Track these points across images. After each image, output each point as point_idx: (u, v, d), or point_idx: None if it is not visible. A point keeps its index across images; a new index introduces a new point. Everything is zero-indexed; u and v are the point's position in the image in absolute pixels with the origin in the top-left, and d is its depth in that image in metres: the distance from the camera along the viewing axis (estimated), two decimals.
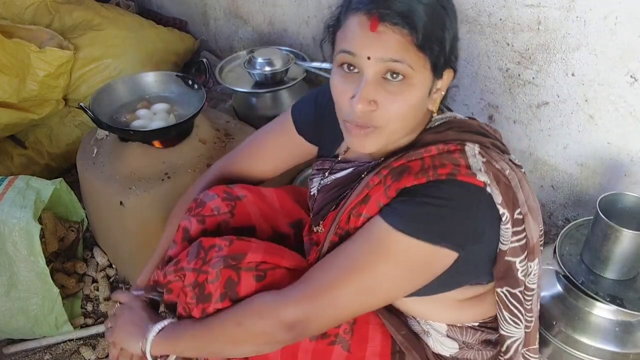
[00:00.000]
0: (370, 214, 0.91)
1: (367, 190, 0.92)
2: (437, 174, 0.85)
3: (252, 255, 0.99)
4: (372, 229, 0.88)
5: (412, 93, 0.84)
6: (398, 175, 0.89)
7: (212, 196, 1.14)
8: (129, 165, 1.60)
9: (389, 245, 0.85)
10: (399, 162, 0.90)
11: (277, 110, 1.86)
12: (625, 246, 1.14)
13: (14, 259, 1.50)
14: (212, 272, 0.97)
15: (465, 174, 0.85)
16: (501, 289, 0.96)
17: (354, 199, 0.94)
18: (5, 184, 1.62)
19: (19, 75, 1.91)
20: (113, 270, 1.82)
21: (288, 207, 1.24)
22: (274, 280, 0.97)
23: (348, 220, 0.95)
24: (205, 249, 1.01)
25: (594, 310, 1.18)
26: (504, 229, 0.89)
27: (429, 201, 0.84)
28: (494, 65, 1.53)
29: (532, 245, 0.93)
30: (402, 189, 0.88)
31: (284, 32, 2.25)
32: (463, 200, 0.85)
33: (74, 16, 2.32)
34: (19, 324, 1.55)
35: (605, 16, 1.26)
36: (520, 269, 0.93)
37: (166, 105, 1.71)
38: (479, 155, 0.89)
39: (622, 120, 1.33)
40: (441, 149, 0.89)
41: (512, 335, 1.00)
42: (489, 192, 0.86)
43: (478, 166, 0.87)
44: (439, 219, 0.84)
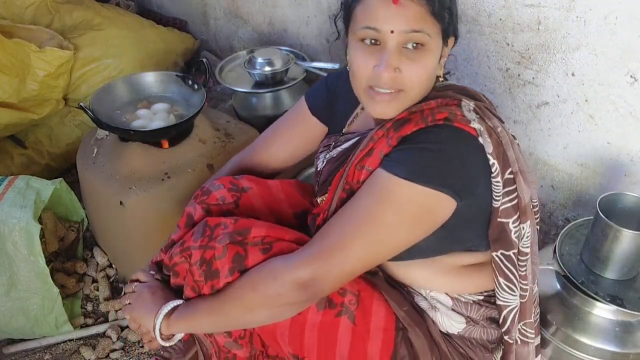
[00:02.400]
0: (372, 166, 0.94)
1: (372, 144, 0.96)
2: (435, 119, 0.90)
3: (257, 230, 1.01)
4: (374, 180, 0.92)
5: (429, 58, 0.91)
6: (400, 126, 0.93)
7: (218, 186, 1.17)
8: (129, 165, 1.60)
9: (392, 193, 0.89)
10: (401, 115, 0.95)
11: (277, 110, 1.86)
12: (625, 246, 1.14)
13: (14, 259, 1.50)
14: (218, 247, 0.99)
15: (461, 120, 0.91)
16: (496, 252, 0.99)
17: (360, 152, 0.97)
18: (5, 184, 1.62)
19: (19, 75, 1.91)
20: (113, 270, 1.82)
21: (294, 198, 1.26)
22: (280, 251, 0.99)
23: (354, 174, 0.97)
24: (211, 227, 1.03)
25: (594, 310, 1.18)
26: (495, 182, 0.93)
27: (426, 146, 0.89)
28: (494, 65, 1.53)
29: (523, 206, 0.96)
30: (403, 136, 0.92)
31: (284, 32, 2.25)
32: (458, 145, 0.90)
33: (74, 16, 2.32)
34: (19, 324, 1.55)
35: (605, 16, 1.26)
36: (513, 229, 0.96)
37: (166, 105, 1.71)
38: (473, 112, 0.94)
39: (622, 120, 1.33)
40: (440, 103, 0.94)
41: (508, 304, 1.02)
42: (481, 142, 0.91)
43: (472, 117, 0.92)
44: (437, 164, 0.88)
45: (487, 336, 1.08)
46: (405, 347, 1.01)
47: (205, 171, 1.64)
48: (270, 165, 1.30)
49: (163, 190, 1.58)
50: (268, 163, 1.30)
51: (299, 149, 1.28)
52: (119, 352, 1.58)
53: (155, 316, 1.06)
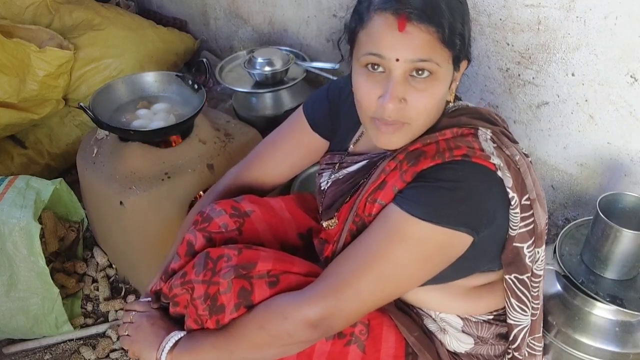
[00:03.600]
0: (385, 200, 0.91)
1: (384, 176, 0.93)
2: (453, 155, 0.87)
3: (262, 264, 0.97)
4: (388, 217, 0.89)
5: (437, 88, 0.86)
6: (414, 159, 0.90)
7: (220, 212, 1.10)
8: (129, 165, 1.60)
9: (405, 232, 0.86)
10: (414, 146, 0.91)
11: (277, 110, 1.86)
12: (625, 246, 1.14)
13: (14, 259, 1.50)
14: (223, 282, 0.95)
15: (480, 156, 0.87)
16: (509, 275, 0.97)
17: (371, 185, 0.94)
18: (5, 184, 1.62)
19: (19, 75, 1.91)
20: (113, 270, 1.82)
21: (297, 216, 1.22)
22: (288, 285, 0.96)
23: (364, 207, 0.95)
24: (213, 260, 0.99)
25: (594, 310, 1.18)
26: (513, 213, 0.91)
27: (443, 185, 0.85)
28: (494, 65, 1.53)
29: (539, 231, 0.95)
30: (419, 172, 0.89)
31: (284, 32, 2.25)
32: (476, 182, 0.87)
33: (74, 16, 2.32)
34: (19, 324, 1.55)
35: (605, 16, 1.26)
36: (528, 254, 0.95)
37: (166, 105, 1.71)
38: (490, 141, 0.91)
39: (622, 120, 1.33)
40: (455, 133, 0.91)
41: (520, 323, 1.02)
42: (500, 175, 0.88)
43: (490, 150, 0.89)
44: (454, 203, 0.85)
45: (494, 352, 1.07)
46: None
47: (205, 171, 1.64)
48: (268, 180, 1.24)
49: (163, 190, 1.58)
50: (265, 179, 1.24)
51: (298, 164, 1.22)
52: (119, 352, 1.58)
53: (157, 350, 1.01)
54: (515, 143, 0.98)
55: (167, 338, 1.01)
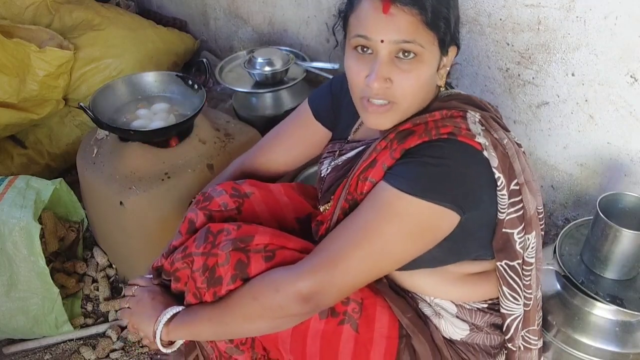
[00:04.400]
0: (375, 177, 0.94)
1: (375, 154, 0.95)
2: (439, 133, 0.89)
3: (260, 237, 1.00)
4: (377, 193, 0.91)
5: (422, 69, 0.89)
6: (403, 138, 0.92)
7: (220, 192, 1.15)
8: (129, 165, 1.60)
9: (394, 207, 0.88)
10: (404, 126, 0.94)
11: (277, 110, 1.86)
12: (625, 246, 1.14)
13: (14, 259, 1.50)
14: (221, 254, 0.98)
15: (465, 135, 0.89)
16: (500, 262, 0.98)
17: (362, 163, 0.97)
18: (5, 184, 1.62)
19: (19, 75, 1.91)
20: (113, 270, 1.82)
21: (296, 202, 1.25)
22: (283, 259, 0.99)
23: (356, 185, 0.97)
24: (213, 234, 1.02)
25: (594, 310, 1.18)
26: (500, 195, 0.92)
27: (429, 161, 0.88)
28: (494, 65, 1.53)
29: (529, 217, 0.95)
30: (406, 149, 0.91)
31: (284, 32, 2.25)
32: (461, 160, 0.89)
33: (74, 16, 2.32)
34: (19, 324, 1.55)
35: (605, 16, 1.26)
36: (518, 240, 0.96)
37: (166, 105, 1.71)
38: (479, 124, 0.93)
39: (622, 120, 1.33)
40: (445, 114, 0.93)
41: (512, 312, 1.02)
42: (486, 156, 0.90)
43: (477, 131, 0.91)
44: (439, 179, 0.87)
45: (490, 342, 1.08)
46: (408, 353, 1.01)
47: (205, 171, 1.64)
48: (273, 169, 1.29)
49: (163, 190, 1.58)
50: (270, 167, 1.29)
51: (302, 154, 1.27)
52: (119, 352, 1.58)
53: (155, 322, 1.05)
54: (506, 130, 1.00)
55: (165, 312, 1.05)
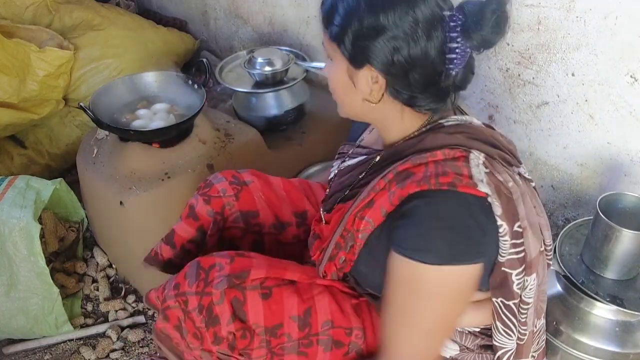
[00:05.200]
0: (372, 219, 0.92)
1: (373, 194, 0.92)
2: (439, 183, 0.85)
3: (255, 271, 0.99)
4: (405, 273, 0.87)
5: (332, 69, 0.95)
6: (402, 181, 0.89)
7: (220, 179, 1.21)
8: (129, 165, 1.60)
9: (428, 282, 0.86)
10: (404, 165, 0.90)
11: (277, 110, 1.86)
12: (625, 246, 1.14)
13: (14, 259, 1.50)
14: (216, 292, 0.97)
15: (467, 184, 0.85)
16: (496, 299, 0.95)
17: (360, 202, 0.94)
18: (5, 184, 1.62)
19: (19, 75, 1.91)
20: (113, 270, 1.82)
21: (294, 197, 1.26)
22: (280, 298, 0.99)
23: (353, 222, 0.96)
24: (205, 270, 1.00)
25: (594, 310, 1.18)
26: (502, 240, 0.89)
27: (438, 224, 0.84)
28: (494, 65, 1.53)
29: (529, 260, 0.92)
30: (405, 197, 0.87)
31: (284, 32, 2.25)
32: (466, 212, 0.85)
33: (74, 16, 2.32)
34: (19, 324, 1.55)
35: (605, 16, 1.26)
36: (516, 281, 0.92)
37: (166, 105, 1.71)
38: (482, 166, 0.89)
39: (622, 120, 1.33)
40: (447, 154, 0.89)
41: (504, 346, 1.00)
42: (489, 202, 0.86)
43: (480, 176, 0.87)
44: (457, 239, 0.84)
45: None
46: None
47: (205, 171, 1.64)
48: None
49: (163, 190, 1.58)
50: None
51: None
52: (119, 352, 1.58)
53: None
54: (517, 165, 0.97)
55: None
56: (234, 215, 1.20)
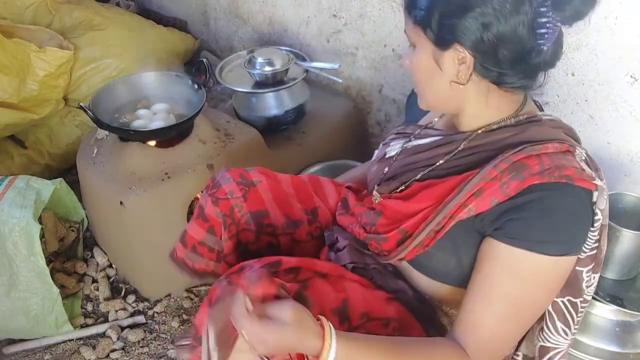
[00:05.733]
0: (478, 208, 0.90)
1: (483, 183, 0.90)
2: (561, 176, 0.86)
3: (286, 260, 0.98)
4: (517, 262, 0.87)
5: (417, 56, 0.94)
6: (517, 172, 0.88)
7: (228, 179, 1.17)
8: (129, 165, 1.60)
9: (540, 273, 0.88)
10: (518, 156, 0.89)
11: (277, 110, 1.86)
12: (625, 246, 1.14)
13: (14, 259, 1.50)
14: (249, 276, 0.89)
15: (584, 177, 0.87)
16: (562, 298, 0.96)
17: (469, 191, 0.91)
18: (5, 184, 1.62)
19: (19, 75, 1.91)
20: (113, 270, 1.82)
21: (304, 194, 1.24)
22: (318, 290, 0.96)
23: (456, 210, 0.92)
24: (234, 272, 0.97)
25: (594, 310, 1.18)
26: (591, 235, 0.91)
27: (555, 215, 0.86)
28: None
29: (600, 257, 0.95)
30: (525, 188, 0.87)
31: (284, 32, 2.25)
32: (579, 206, 0.88)
33: (74, 16, 2.32)
34: (19, 324, 1.55)
35: (605, 16, 1.26)
36: (585, 278, 0.95)
37: (166, 105, 1.71)
38: (584, 162, 0.92)
39: (622, 120, 1.33)
40: (557, 148, 0.90)
41: (558, 347, 1.00)
42: (595, 197, 0.89)
43: (589, 171, 0.90)
44: (569, 231, 0.87)
45: None
46: None
47: (205, 171, 1.64)
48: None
49: (163, 190, 1.58)
50: None
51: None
52: (119, 352, 1.58)
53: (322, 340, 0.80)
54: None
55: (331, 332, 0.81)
56: (245, 217, 1.17)
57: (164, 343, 1.62)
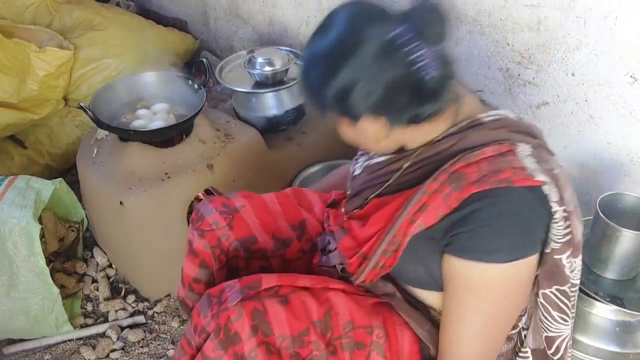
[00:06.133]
0: (426, 222, 0.91)
1: (426, 198, 0.91)
2: (498, 181, 0.86)
3: (267, 280, 0.98)
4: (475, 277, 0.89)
5: (342, 129, 0.97)
6: (456, 182, 0.89)
7: (211, 210, 1.17)
8: (129, 165, 1.60)
9: (498, 281, 0.88)
10: (455, 166, 0.90)
11: (277, 110, 1.86)
12: (625, 246, 1.14)
13: (14, 259, 1.50)
14: (232, 308, 0.93)
15: (523, 177, 0.87)
16: (550, 289, 0.97)
17: (413, 207, 0.93)
18: (5, 184, 1.62)
19: (19, 75, 1.91)
20: (113, 270, 1.82)
21: (289, 209, 1.24)
22: (300, 302, 0.97)
23: (405, 228, 0.94)
24: (215, 296, 0.98)
25: (594, 310, 1.18)
26: (556, 227, 0.91)
27: (502, 222, 0.86)
28: (494, 65, 1.53)
29: (576, 242, 0.95)
30: (465, 199, 0.87)
31: (284, 32, 2.25)
32: (525, 205, 0.88)
33: (74, 16, 2.32)
34: (19, 324, 1.55)
35: (605, 16, 1.26)
36: (567, 265, 0.95)
37: (166, 105, 1.71)
38: (531, 156, 0.91)
39: (622, 120, 1.33)
40: (496, 150, 0.90)
41: (561, 334, 1.02)
42: (544, 191, 0.89)
43: (533, 167, 0.89)
44: (521, 234, 0.87)
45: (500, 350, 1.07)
46: None
47: (205, 171, 1.64)
48: None
49: (163, 190, 1.58)
50: None
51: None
52: (119, 352, 1.59)
53: None
54: (552, 155, 0.98)
55: None
56: (233, 244, 1.17)
57: (164, 343, 1.62)
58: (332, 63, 0.86)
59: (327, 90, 0.87)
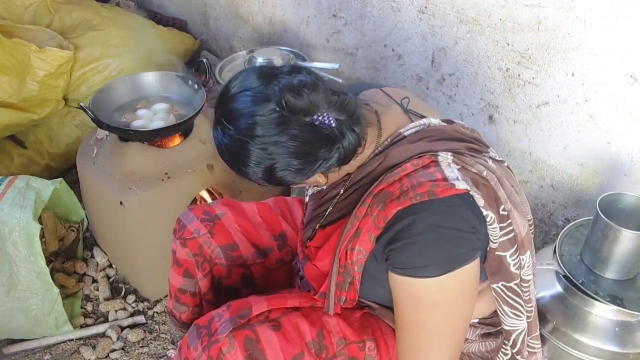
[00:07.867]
0: (364, 247, 0.92)
1: (357, 223, 0.92)
2: (418, 195, 0.86)
3: (257, 306, 0.98)
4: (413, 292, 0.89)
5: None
6: (381, 202, 0.89)
7: (192, 218, 1.19)
8: (129, 165, 1.60)
9: (437, 294, 0.87)
10: (379, 187, 0.91)
11: None
12: (625, 246, 1.14)
13: (14, 259, 1.50)
14: (223, 339, 0.92)
15: (444, 187, 0.86)
16: (497, 284, 0.97)
17: (347, 233, 0.94)
18: (5, 184, 1.62)
19: (19, 75, 1.91)
20: (113, 270, 1.82)
21: (270, 220, 1.25)
22: (292, 326, 0.97)
23: (346, 256, 0.95)
24: (204, 326, 0.98)
25: (594, 310, 1.18)
26: (491, 229, 0.90)
27: (428, 237, 0.86)
28: (494, 65, 1.53)
29: (520, 239, 0.94)
30: (390, 219, 0.88)
31: (284, 32, 2.25)
32: (452, 215, 0.86)
33: (74, 16, 2.32)
34: (19, 324, 1.55)
35: (605, 16, 1.26)
36: (511, 262, 0.94)
37: (166, 105, 1.71)
38: (453, 164, 0.90)
39: (622, 120, 1.33)
40: (416, 164, 0.90)
41: (517, 328, 1.01)
42: (471, 196, 0.88)
43: (454, 175, 0.88)
44: (453, 244, 0.86)
45: (485, 348, 1.08)
46: None
47: (205, 171, 1.64)
48: None
49: (163, 190, 1.58)
50: None
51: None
52: (119, 352, 1.59)
53: None
54: (486, 151, 0.98)
55: None
56: (215, 251, 1.18)
57: (164, 343, 1.62)
58: (240, 154, 0.86)
59: (251, 176, 0.89)
